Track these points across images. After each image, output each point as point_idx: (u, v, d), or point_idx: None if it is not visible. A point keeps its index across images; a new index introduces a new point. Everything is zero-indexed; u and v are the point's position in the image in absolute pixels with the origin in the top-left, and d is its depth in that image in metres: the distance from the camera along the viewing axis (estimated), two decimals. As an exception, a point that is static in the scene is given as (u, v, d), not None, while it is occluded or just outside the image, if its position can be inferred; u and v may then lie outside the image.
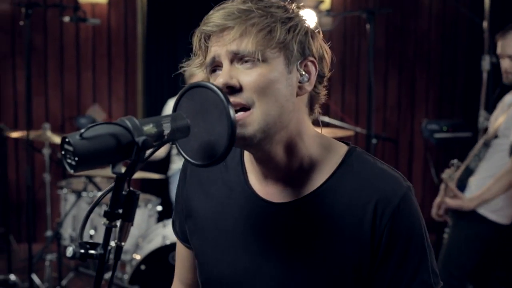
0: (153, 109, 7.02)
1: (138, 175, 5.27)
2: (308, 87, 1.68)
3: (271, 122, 1.60)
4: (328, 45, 1.76)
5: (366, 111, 4.95)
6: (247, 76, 1.59)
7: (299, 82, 1.66)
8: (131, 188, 1.40)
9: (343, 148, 1.76)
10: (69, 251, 1.38)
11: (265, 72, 1.59)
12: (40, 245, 6.57)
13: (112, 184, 1.39)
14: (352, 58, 7.61)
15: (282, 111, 1.62)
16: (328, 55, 1.74)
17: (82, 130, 1.30)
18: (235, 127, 1.46)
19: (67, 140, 1.29)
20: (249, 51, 1.59)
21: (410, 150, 7.86)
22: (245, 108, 1.59)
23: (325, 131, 1.79)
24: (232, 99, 1.54)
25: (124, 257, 5.15)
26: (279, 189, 1.73)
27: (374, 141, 4.91)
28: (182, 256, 2.05)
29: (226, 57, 1.62)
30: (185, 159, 1.55)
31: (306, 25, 1.68)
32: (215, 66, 1.66)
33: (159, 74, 7.24)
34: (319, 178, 1.71)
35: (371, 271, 1.67)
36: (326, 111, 7.11)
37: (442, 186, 4.40)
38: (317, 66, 1.69)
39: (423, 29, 7.76)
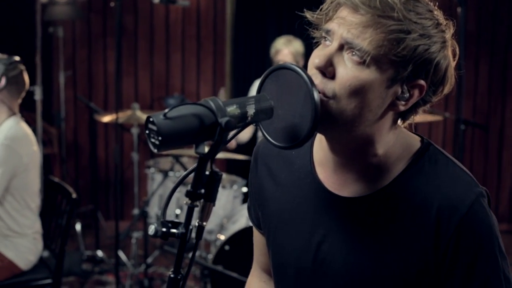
0: (241, 90, 7.03)
1: (224, 155, 5.30)
2: (402, 107, 1.58)
3: (341, 120, 1.53)
4: None
5: (455, 97, 4.85)
6: (345, 70, 1.51)
7: (396, 99, 1.56)
8: (214, 169, 1.40)
9: (416, 146, 1.68)
10: (151, 229, 1.40)
11: (363, 77, 1.50)
12: (127, 223, 6.68)
13: (195, 164, 1.39)
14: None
15: (361, 119, 1.55)
16: (448, 87, 1.62)
17: (166, 110, 1.31)
18: (319, 110, 1.44)
19: (151, 119, 1.30)
20: (363, 49, 1.48)
21: (500, 137, 7.68)
22: (323, 94, 1.52)
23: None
24: (318, 81, 1.51)
25: (208, 237, 5.19)
26: (349, 183, 1.68)
27: (462, 127, 4.80)
28: (258, 242, 2.06)
29: (338, 39, 1.52)
30: (268, 140, 1.55)
31: (442, 51, 1.55)
32: (325, 34, 1.57)
33: (247, 56, 7.24)
34: (388, 176, 1.64)
35: (438, 278, 1.61)
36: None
37: None
38: (424, 92, 1.57)
39: (516, 13, 7.56)
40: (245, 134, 5.62)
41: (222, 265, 4.57)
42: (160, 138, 1.28)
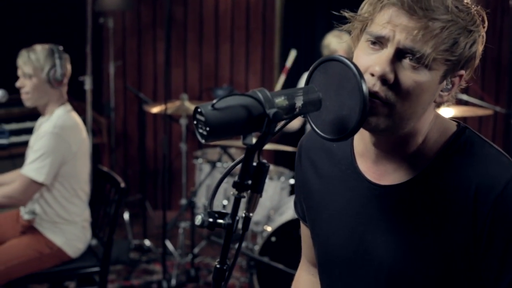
0: (289, 82, 7.02)
1: (272, 147, 5.30)
2: (446, 97, 1.63)
3: (398, 122, 1.57)
4: None
5: (507, 90, 4.79)
6: (405, 76, 1.53)
7: (441, 91, 1.61)
8: (261, 160, 1.40)
9: (452, 129, 1.70)
10: (198, 220, 1.41)
11: (422, 80, 1.53)
12: (175, 213, 6.73)
13: (243, 155, 1.40)
14: (493, 34, 7.35)
15: (414, 116, 1.59)
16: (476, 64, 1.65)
17: (214, 101, 1.31)
18: (367, 102, 1.44)
19: (199, 110, 1.30)
20: (424, 54, 1.50)
21: (552, 132, 7.55)
22: (380, 99, 1.53)
23: (463, 110, 1.73)
24: (377, 88, 1.52)
25: (255, 228, 5.20)
26: (389, 172, 1.70)
27: (514, 121, 4.76)
28: (305, 236, 2.07)
29: (394, 45, 1.53)
30: (316, 132, 1.55)
31: (481, 39, 1.60)
32: (374, 39, 1.57)
33: (296, 47, 7.19)
34: (426, 161, 1.66)
35: (476, 259, 1.61)
36: (465, 89, 6.90)
37: None
38: (462, 79, 1.63)
39: None
40: (295, 123, 5.59)
41: (268, 256, 4.58)
42: (207, 128, 1.29)
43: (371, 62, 1.55)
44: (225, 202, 5.24)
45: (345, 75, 1.46)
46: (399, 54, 1.53)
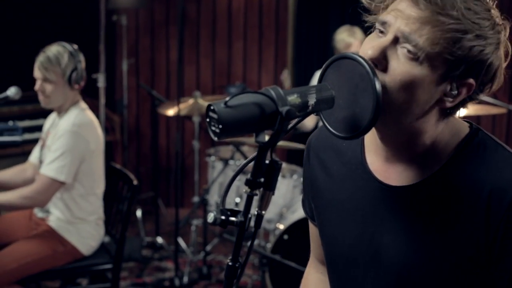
0: (302, 80, 7.01)
1: (284, 144, 5.30)
2: (449, 104, 1.57)
3: (392, 113, 1.53)
4: None
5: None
6: (397, 64, 1.50)
7: (444, 95, 1.56)
8: (274, 158, 1.40)
9: (464, 131, 1.67)
10: (210, 217, 1.41)
11: (415, 73, 1.49)
12: (187, 210, 6.73)
13: (255, 153, 1.40)
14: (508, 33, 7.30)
15: (408, 113, 1.55)
16: (496, 85, 1.60)
17: (227, 98, 1.31)
18: (381, 101, 1.43)
19: (212, 108, 1.30)
20: (419, 46, 1.47)
21: None
22: None
23: (476, 108, 1.70)
24: None
25: (268, 226, 5.20)
26: (399, 172, 1.68)
27: (528, 120, 4.74)
28: (313, 234, 2.06)
29: (393, 32, 1.52)
30: (328, 130, 1.55)
31: (496, 52, 1.53)
32: (381, 26, 1.56)
33: (309, 46, 7.21)
34: (437, 163, 1.64)
35: (489, 264, 1.59)
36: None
37: None
38: (471, 90, 1.56)
39: None
40: (309, 123, 5.60)
41: (280, 254, 4.58)
42: (220, 126, 1.29)
43: (369, 47, 1.54)
44: (237, 199, 5.24)
45: (358, 73, 1.46)
46: (397, 42, 1.51)
